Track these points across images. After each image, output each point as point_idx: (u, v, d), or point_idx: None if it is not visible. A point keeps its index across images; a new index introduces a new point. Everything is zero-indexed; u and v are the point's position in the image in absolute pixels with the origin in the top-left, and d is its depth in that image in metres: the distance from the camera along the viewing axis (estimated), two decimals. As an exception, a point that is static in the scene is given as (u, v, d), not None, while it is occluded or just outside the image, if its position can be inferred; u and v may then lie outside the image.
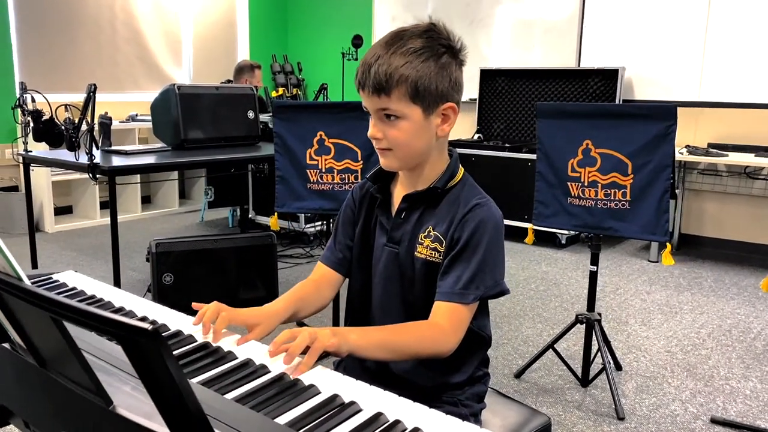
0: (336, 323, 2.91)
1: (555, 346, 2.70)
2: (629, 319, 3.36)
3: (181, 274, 3.18)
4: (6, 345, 0.93)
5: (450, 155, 1.30)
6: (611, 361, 2.69)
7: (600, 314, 2.62)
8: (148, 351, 0.57)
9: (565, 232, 4.77)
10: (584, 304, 3.51)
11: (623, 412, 2.37)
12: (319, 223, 4.81)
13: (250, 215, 5.12)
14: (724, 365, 2.83)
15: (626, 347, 3.01)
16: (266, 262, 3.37)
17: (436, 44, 1.18)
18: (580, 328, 2.70)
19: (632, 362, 2.85)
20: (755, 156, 4.31)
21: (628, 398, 2.51)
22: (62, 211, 5.55)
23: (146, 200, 6.14)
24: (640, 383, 2.65)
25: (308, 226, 4.80)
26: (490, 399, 1.38)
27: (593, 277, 2.59)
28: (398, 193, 1.32)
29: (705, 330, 3.24)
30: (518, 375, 2.70)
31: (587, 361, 2.61)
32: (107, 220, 5.34)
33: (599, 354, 2.56)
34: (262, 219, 5.06)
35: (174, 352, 1.07)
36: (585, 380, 2.62)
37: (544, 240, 4.80)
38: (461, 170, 1.30)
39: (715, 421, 2.34)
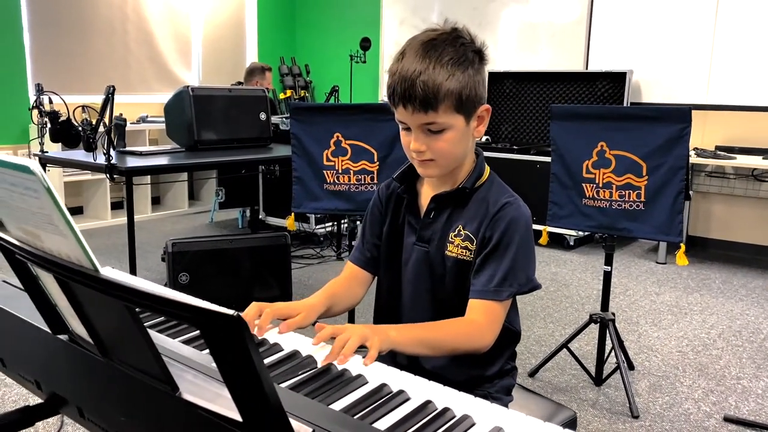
0: (351, 320, 2.95)
1: (568, 345, 2.73)
2: (640, 320, 3.39)
3: (196, 274, 3.22)
4: (62, 337, 0.96)
5: (476, 155, 1.33)
6: (625, 361, 2.72)
7: (614, 314, 2.65)
8: (230, 336, 0.60)
9: (574, 233, 4.81)
10: (593, 305, 3.56)
11: (637, 411, 2.41)
12: (330, 224, 4.84)
13: (260, 216, 5.16)
14: (735, 365, 2.87)
15: (638, 347, 3.04)
16: (280, 262, 3.40)
17: (469, 51, 1.19)
18: (591, 329, 2.73)
19: (644, 362, 2.88)
20: (763, 158, 4.34)
21: (641, 397, 2.55)
22: (73, 211, 5.59)
23: (155, 201, 6.19)
24: (653, 382, 2.68)
25: (318, 227, 4.83)
26: (515, 393, 1.42)
27: (607, 277, 2.62)
28: (425, 192, 1.35)
29: (715, 330, 3.27)
30: (532, 374, 2.73)
31: (601, 360, 2.64)
32: (118, 220, 5.43)
33: (612, 353, 2.59)
34: (272, 220, 5.10)
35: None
36: (598, 379, 2.65)
37: (553, 242, 4.82)
38: (487, 169, 1.33)
39: (728, 419, 2.37)
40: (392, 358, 1.34)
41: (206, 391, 0.78)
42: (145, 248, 4.63)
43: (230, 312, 0.59)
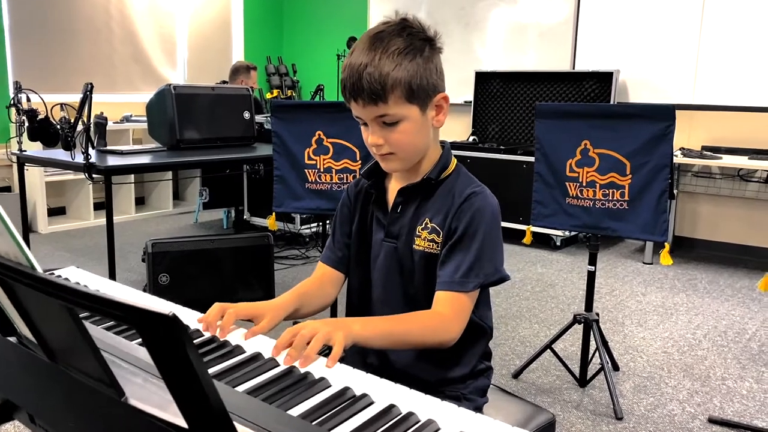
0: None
1: (552, 346, 2.70)
2: (625, 320, 3.37)
3: (177, 275, 3.17)
4: (11, 339, 0.92)
5: (442, 146, 1.30)
6: (609, 361, 2.69)
7: (598, 314, 2.62)
8: (167, 338, 0.56)
9: (560, 233, 4.79)
10: (579, 305, 3.53)
11: (621, 412, 2.38)
12: (315, 224, 4.80)
13: (245, 216, 5.11)
14: (720, 365, 2.85)
15: (623, 348, 3.01)
16: (263, 263, 3.36)
17: (416, 40, 1.17)
18: (576, 329, 2.70)
19: (629, 362, 2.85)
20: (748, 159, 4.34)
21: (625, 398, 2.52)
22: (55, 212, 5.51)
23: (140, 201, 6.12)
24: (637, 383, 2.65)
25: (303, 227, 4.79)
26: (492, 395, 1.38)
27: (591, 276, 2.60)
28: (393, 187, 1.33)
29: (701, 331, 3.25)
30: (516, 375, 2.70)
31: (585, 361, 2.61)
32: (100, 221, 5.36)
33: (597, 354, 2.56)
34: (257, 220, 5.05)
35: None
36: (583, 380, 2.62)
37: (539, 242, 4.80)
38: (454, 161, 1.30)
39: (712, 420, 2.35)
40: (363, 358, 1.31)
41: (155, 396, 0.74)
42: (127, 249, 4.57)
43: (165, 312, 0.55)
